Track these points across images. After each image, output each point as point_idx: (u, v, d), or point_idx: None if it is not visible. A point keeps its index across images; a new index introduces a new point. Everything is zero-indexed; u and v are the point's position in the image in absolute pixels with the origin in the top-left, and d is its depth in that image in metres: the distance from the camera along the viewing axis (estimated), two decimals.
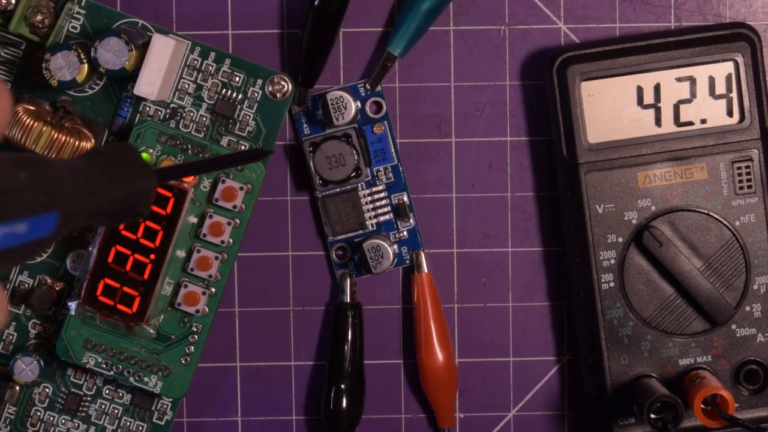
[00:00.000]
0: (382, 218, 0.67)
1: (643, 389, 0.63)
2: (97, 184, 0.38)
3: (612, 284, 0.64)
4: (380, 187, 0.67)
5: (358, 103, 0.66)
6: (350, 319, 0.67)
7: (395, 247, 0.67)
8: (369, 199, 0.67)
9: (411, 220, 0.67)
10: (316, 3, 0.64)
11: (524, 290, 0.68)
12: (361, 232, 0.67)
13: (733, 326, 0.64)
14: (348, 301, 0.67)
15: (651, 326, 0.64)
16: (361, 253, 0.66)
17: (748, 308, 0.64)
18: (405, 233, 0.67)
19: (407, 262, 0.67)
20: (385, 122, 0.67)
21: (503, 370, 0.68)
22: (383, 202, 0.67)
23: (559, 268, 0.67)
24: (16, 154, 0.36)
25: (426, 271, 0.67)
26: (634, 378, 0.64)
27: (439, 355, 0.67)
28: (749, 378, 0.65)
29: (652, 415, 0.60)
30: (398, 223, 0.67)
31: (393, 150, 0.67)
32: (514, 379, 0.68)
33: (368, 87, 0.66)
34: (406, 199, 0.67)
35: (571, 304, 0.67)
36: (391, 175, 0.67)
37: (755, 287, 0.64)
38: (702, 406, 0.61)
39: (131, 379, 0.65)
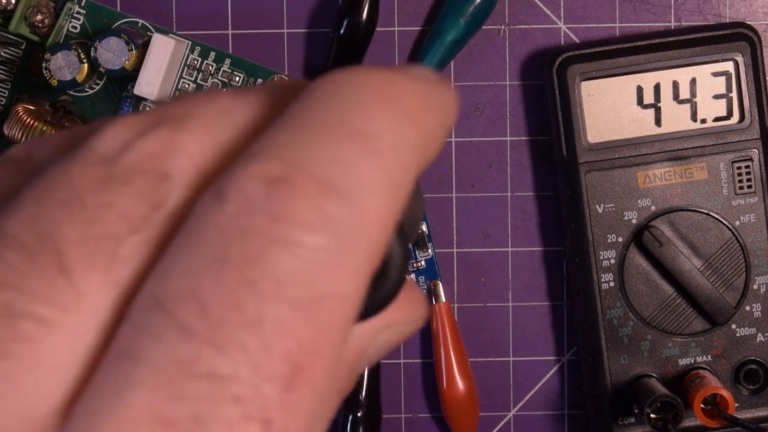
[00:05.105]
0: None
1: (643, 389, 0.63)
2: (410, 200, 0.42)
3: (612, 284, 0.64)
4: None
5: None
6: None
7: (413, 276, 0.67)
8: None
9: (429, 250, 0.67)
10: (341, 32, 0.64)
11: (524, 290, 0.68)
12: None
13: (733, 326, 0.64)
14: None
15: (651, 326, 0.64)
16: None
17: (748, 308, 0.64)
18: (423, 263, 0.67)
19: (425, 291, 0.67)
20: None
21: (503, 369, 0.68)
22: None
23: (559, 268, 0.67)
24: None
25: (444, 300, 0.67)
26: (634, 378, 0.64)
27: (460, 385, 0.66)
28: (749, 378, 0.65)
29: (652, 415, 0.60)
30: (416, 252, 0.67)
31: None
32: (514, 379, 0.68)
33: None
34: (425, 228, 0.67)
35: (571, 304, 0.67)
36: None
37: (755, 287, 0.64)
38: (702, 405, 0.61)
39: None
